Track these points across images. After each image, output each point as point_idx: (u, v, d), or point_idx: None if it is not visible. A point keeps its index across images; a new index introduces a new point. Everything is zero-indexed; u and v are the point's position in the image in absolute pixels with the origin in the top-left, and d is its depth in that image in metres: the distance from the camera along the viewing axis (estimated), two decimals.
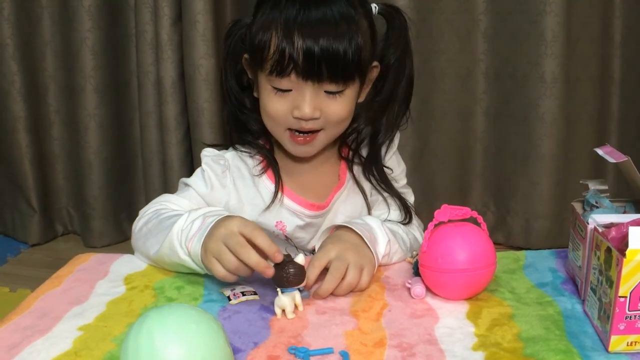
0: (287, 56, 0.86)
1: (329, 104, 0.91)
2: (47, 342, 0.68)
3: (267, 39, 0.88)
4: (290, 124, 0.92)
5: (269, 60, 0.88)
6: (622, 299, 0.60)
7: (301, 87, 0.89)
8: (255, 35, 0.90)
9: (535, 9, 1.73)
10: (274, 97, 0.91)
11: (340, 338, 0.66)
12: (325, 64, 0.86)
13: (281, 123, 0.92)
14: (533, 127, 1.80)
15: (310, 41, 0.85)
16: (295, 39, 0.86)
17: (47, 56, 2.00)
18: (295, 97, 0.90)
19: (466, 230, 0.72)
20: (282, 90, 0.90)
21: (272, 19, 0.89)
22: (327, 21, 0.87)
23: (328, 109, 0.91)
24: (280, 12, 0.88)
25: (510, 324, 0.67)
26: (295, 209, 0.98)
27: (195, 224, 0.82)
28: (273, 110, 0.91)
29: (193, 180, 0.98)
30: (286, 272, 0.70)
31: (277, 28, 0.87)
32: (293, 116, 0.90)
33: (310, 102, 0.89)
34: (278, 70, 0.88)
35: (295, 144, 0.94)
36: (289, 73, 0.87)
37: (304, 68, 0.87)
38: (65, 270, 0.87)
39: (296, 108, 0.89)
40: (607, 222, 0.68)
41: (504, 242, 1.94)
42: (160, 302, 0.76)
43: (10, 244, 2.11)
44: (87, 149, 1.97)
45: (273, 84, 0.90)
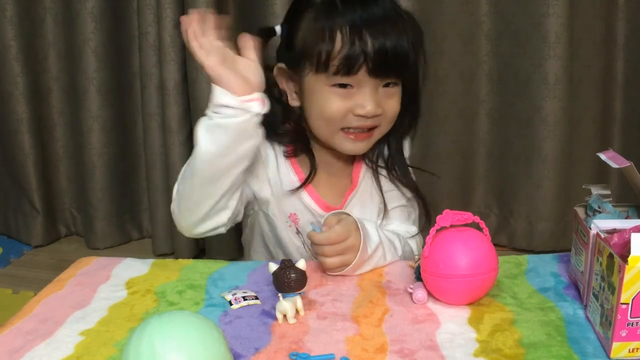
0: (357, 53, 0.88)
1: (387, 100, 0.93)
2: (49, 346, 0.68)
3: (331, 43, 0.89)
4: (348, 123, 0.93)
5: (334, 61, 0.89)
6: (624, 305, 0.59)
7: (363, 84, 0.91)
8: (310, 34, 0.91)
9: (538, 11, 1.72)
10: (333, 97, 0.91)
11: (341, 344, 0.66)
12: (394, 59, 0.89)
13: (337, 123, 0.93)
14: (536, 129, 1.79)
15: (380, 37, 0.88)
16: (364, 34, 0.88)
17: (50, 58, 2.00)
18: (357, 95, 0.91)
19: (468, 235, 0.71)
20: (342, 86, 0.91)
21: (331, 18, 0.90)
22: (389, 18, 0.90)
23: (387, 105, 0.93)
24: (339, 12, 0.90)
25: (512, 330, 0.67)
26: (311, 205, 0.99)
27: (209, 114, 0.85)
28: (332, 110, 0.92)
29: None
30: (287, 277, 0.70)
31: (342, 31, 0.89)
32: (355, 114, 0.92)
33: (372, 99, 0.91)
34: (347, 68, 0.89)
35: (351, 141, 0.95)
36: (358, 70, 0.89)
37: (375, 65, 0.88)
38: (67, 274, 0.87)
39: (359, 106, 0.91)
40: (610, 228, 0.68)
41: (506, 244, 1.94)
42: (162, 307, 0.76)
43: (14, 245, 2.11)
44: (90, 151, 1.97)
45: (334, 82, 0.90)
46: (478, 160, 1.93)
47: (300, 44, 0.93)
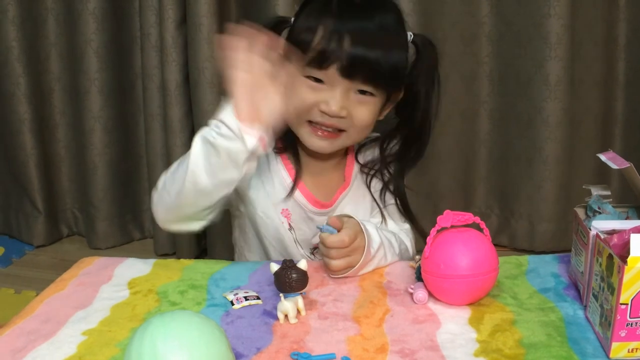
0: (332, 49, 0.89)
1: (357, 107, 0.93)
2: (52, 346, 0.68)
3: (313, 28, 0.91)
4: (313, 117, 0.94)
5: (312, 50, 0.90)
6: (624, 306, 0.60)
7: (335, 83, 0.92)
8: (301, 26, 0.93)
9: (540, 12, 1.72)
10: (303, 88, 0.92)
11: (342, 344, 0.66)
12: (366, 63, 0.89)
13: (302, 114, 0.94)
14: (537, 130, 1.80)
15: (357, 39, 0.89)
16: (344, 34, 0.89)
17: (52, 58, 2.01)
18: (326, 92, 0.92)
19: (468, 236, 0.72)
20: (315, 80, 0.92)
21: (322, 12, 0.92)
22: (377, 24, 0.92)
23: (355, 111, 0.93)
24: (331, 13, 0.91)
25: (512, 330, 0.67)
26: (302, 202, 1.00)
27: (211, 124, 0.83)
28: (298, 100, 0.92)
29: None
30: (289, 278, 0.70)
31: (326, 20, 0.90)
32: (319, 109, 0.92)
33: (339, 100, 0.91)
34: (319, 61, 0.90)
35: (314, 136, 0.96)
36: (329, 65, 0.90)
37: (345, 65, 0.89)
38: (69, 274, 0.88)
39: (324, 102, 0.92)
40: (609, 229, 0.68)
41: (507, 244, 1.94)
42: (164, 307, 0.77)
43: (15, 245, 2.12)
44: (92, 151, 1.97)
45: (308, 73, 0.91)
46: (479, 160, 1.93)
47: (293, 32, 0.96)
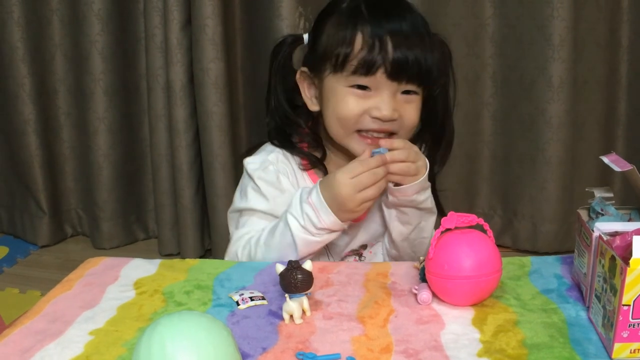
0: (376, 53, 0.88)
1: (405, 107, 0.93)
2: (59, 346, 0.69)
3: (351, 36, 0.90)
4: (364, 125, 0.93)
5: (353, 60, 0.89)
6: (626, 307, 0.60)
7: (381, 87, 0.91)
8: (333, 38, 0.92)
9: (543, 14, 1.73)
10: (350, 98, 0.92)
11: (347, 344, 0.67)
12: (411, 63, 0.89)
13: (352, 124, 0.93)
14: (540, 131, 1.80)
15: (399, 40, 0.88)
16: (385, 37, 0.88)
17: (56, 59, 2.02)
18: (374, 98, 0.91)
19: (472, 237, 0.72)
20: (361, 88, 0.91)
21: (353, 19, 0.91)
22: (410, 24, 0.91)
23: (404, 112, 0.93)
24: (364, 17, 0.91)
25: (515, 331, 0.68)
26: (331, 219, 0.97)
27: (309, 212, 0.89)
28: (347, 110, 0.92)
29: (252, 202, 0.98)
30: (294, 278, 0.71)
31: (361, 27, 0.90)
32: (371, 116, 0.92)
33: (390, 103, 0.91)
34: (366, 68, 0.89)
35: (367, 146, 0.94)
36: (376, 71, 0.89)
37: (392, 68, 0.89)
38: (75, 274, 0.88)
39: (375, 108, 0.91)
40: (612, 231, 0.68)
41: (510, 245, 1.95)
42: (170, 307, 0.77)
43: (20, 245, 2.13)
44: (96, 152, 1.98)
45: (353, 82, 0.91)
46: (482, 162, 1.93)
47: (322, 46, 0.94)
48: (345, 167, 0.89)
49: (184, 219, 1.91)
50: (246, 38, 1.85)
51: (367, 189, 0.88)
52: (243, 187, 1.02)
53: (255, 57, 1.84)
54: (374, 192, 0.89)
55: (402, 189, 0.93)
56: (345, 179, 0.87)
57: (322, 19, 0.97)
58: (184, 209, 1.90)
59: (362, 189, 0.88)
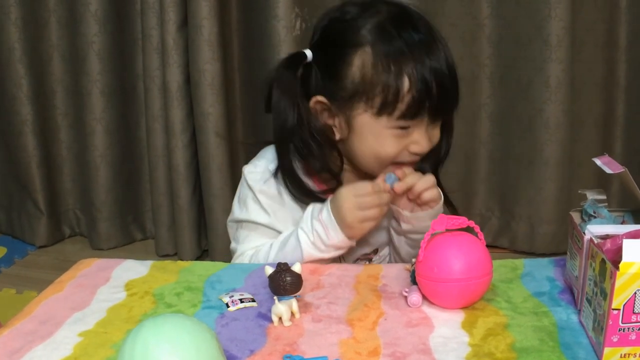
0: (424, 96, 0.86)
1: (434, 133, 0.92)
2: (48, 347, 0.69)
3: (399, 78, 0.86)
4: (401, 159, 0.92)
5: (401, 103, 0.86)
6: (616, 311, 0.60)
7: (421, 124, 0.89)
8: (378, 76, 0.86)
9: (540, 14, 1.73)
10: (391, 139, 0.90)
11: (334, 347, 0.66)
12: (450, 101, 0.90)
13: (390, 161, 0.92)
14: (538, 132, 1.80)
15: (441, 80, 0.86)
16: (431, 79, 0.85)
17: (54, 60, 2.02)
18: (413, 134, 0.90)
19: (462, 240, 0.72)
20: (404, 128, 0.89)
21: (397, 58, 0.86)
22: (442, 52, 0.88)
23: (434, 138, 0.93)
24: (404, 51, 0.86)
25: (505, 334, 0.67)
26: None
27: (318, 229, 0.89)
28: (389, 151, 0.90)
29: (253, 215, 0.96)
30: (283, 281, 0.71)
31: (407, 62, 0.86)
32: (411, 151, 0.91)
33: (426, 136, 0.90)
34: (413, 113, 0.87)
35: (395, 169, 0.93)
36: (424, 114, 0.88)
37: (437, 109, 0.88)
38: (67, 276, 0.88)
39: (415, 144, 0.90)
40: (603, 234, 0.68)
41: (508, 246, 1.94)
42: (160, 309, 0.77)
43: (18, 245, 2.13)
44: (93, 152, 1.98)
45: (397, 125, 0.88)
46: (479, 162, 1.93)
47: (354, 80, 0.88)
48: (352, 186, 0.90)
49: (181, 219, 1.91)
50: (242, 39, 1.85)
51: (370, 209, 0.88)
52: (242, 196, 0.99)
53: (252, 58, 1.84)
54: (376, 214, 0.89)
55: (418, 216, 0.93)
56: (350, 197, 0.88)
57: (343, 46, 0.90)
58: (180, 210, 1.90)
59: (365, 209, 0.88)
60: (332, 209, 0.89)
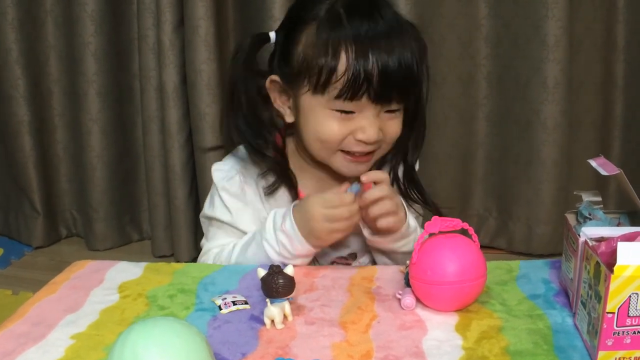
0: (362, 79, 0.83)
1: (389, 123, 0.89)
2: (40, 350, 0.68)
3: (334, 61, 0.84)
4: (347, 147, 0.89)
5: (336, 83, 0.84)
6: (610, 314, 0.59)
7: (365, 109, 0.87)
8: (313, 52, 0.85)
9: (538, 14, 1.72)
10: (332, 121, 0.87)
11: (327, 350, 0.66)
12: (397, 84, 0.85)
13: (334, 147, 0.90)
14: (535, 132, 1.79)
15: (385, 60, 0.83)
16: (370, 59, 0.83)
17: (51, 60, 2.01)
18: (358, 120, 0.87)
19: (456, 242, 0.71)
20: (345, 112, 0.87)
21: (336, 33, 0.84)
22: (394, 33, 0.85)
23: (388, 129, 0.89)
24: (344, 27, 0.84)
25: (499, 337, 0.67)
26: None
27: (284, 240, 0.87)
28: (331, 134, 0.88)
29: (218, 212, 0.96)
30: (275, 283, 0.70)
31: (347, 48, 0.83)
32: (356, 139, 0.88)
33: (374, 124, 0.87)
34: (350, 94, 0.84)
35: (350, 163, 0.91)
36: (362, 96, 0.84)
37: (378, 91, 0.84)
38: (61, 277, 0.88)
39: (360, 131, 0.87)
40: (598, 236, 0.68)
41: (505, 247, 1.94)
42: (153, 311, 0.77)
43: (14, 246, 2.12)
44: (90, 153, 1.98)
45: (336, 107, 0.86)
46: (477, 163, 1.93)
47: (299, 58, 0.88)
48: (320, 196, 0.87)
49: (177, 220, 1.91)
50: (239, 39, 1.85)
51: (339, 221, 0.86)
52: (212, 193, 1.00)
53: None
54: (345, 226, 0.87)
55: (378, 241, 0.91)
56: (318, 209, 0.85)
57: (296, 23, 0.90)
58: (177, 210, 1.90)
59: (333, 221, 0.86)
60: (297, 218, 0.87)
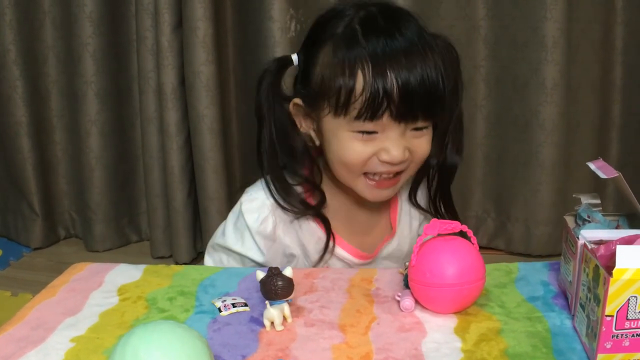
0: (381, 97, 0.79)
1: (416, 142, 0.85)
2: (40, 353, 0.68)
3: (352, 81, 0.80)
4: (372, 168, 0.85)
5: (355, 103, 0.81)
6: (609, 318, 0.59)
7: (389, 128, 0.82)
8: (333, 78, 0.82)
9: (536, 15, 1.72)
10: (355, 143, 0.83)
11: (327, 352, 0.66)
12: (419, 100, 0.80)
13: (359, 169, 0.86)
14: (533, 133, 1.80)
15: (405, 76, 0.79)
16: (389, 76, 0.79)
17: (49, 61, 2.01)
18: (382, 139, 0.83)
19: (455, 244, 0.71)
20: (367, 133, 0.83)
21: (352, 52, 0.81)
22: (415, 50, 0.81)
23: (416, 147, 0.85)
24: (360, 45, 0.81)
25: (498, 340, 0.67)
26: (344, 257, 0.94)
27: None
28: (354, 156, 0.84)
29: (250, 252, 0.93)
30: (274, 285, 0.70)
31: (363, 67, 0.80)
32: (380, 160, 0.84)
33: (399, 144, 0.83)
34: (370, 114, 0.80)
35: (374, 188, 0.87)
36: (382, 115, 0.80)
37: (399, 108, 0.80)
38: (60, 280, 0.87)
39: (384, 151, 0.83)
40: (597, 239, 0.68)
41: (504, 248, 1.94)
42: (152, 314, 0.77)
43: (13, 247, 2.12)
44: (88, 154, 1.98)
45: (357, 128, 0.82)
46: (475, 164, 1.93)
47: (317, 80, 0.85)
48: None
49: (176, 221, 1.91)
50: (237, 40, 1.85)
51: None
52: (239, 228, 0.94)
53: (247, 60, 1.84)
54: None
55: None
56: None
57: (314, 42, 0.87)
58: (175, 212, 1.90)
59: None
60: None
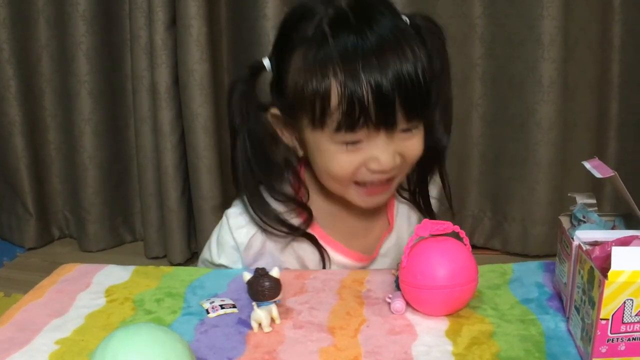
0: (356, 106, 0.72)
1: (407, 144, 0.78)
2: (24, 355, 0.67)
3: (325, 90, 0.73)
4: (362, 178, 0.79)
5: (332, 115, 0.74)
6: (604, 321, 0.58)
7: (374, 135, 0.76)
8: (306, 87, 0.75)
9: (533, 13, 1.71)
10: (340, 155, 0.77)
11: (314, 355, 0.65)
12: (401, 102, 0.74)
13: (347, 181, 0.80)
14: (530, 132, 1.78)
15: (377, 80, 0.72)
16: (362, 82, 0.72)
17: (42, 60, 2.01)
18: (368, 148, 0.77)
19: (447, 245, 0.70)
20: (351, 143, 0.76)
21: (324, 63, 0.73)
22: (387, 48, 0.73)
23: (407, 150, 0.79)
24: (333, 52, 0.73)
25: (490, 343, 0.65)
26: (346, 263, 0.90)
27: None
28: (341, 169, 0.78)
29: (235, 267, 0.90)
30: (261, 286, 0.69)
31: (336, 73, 0.73)
32: (369, 169, 0.78)
33: (388, 150, 0.77)
34: (347, 125, 0.74)
35: (366, 196, 0.82)
36: (362, 126, 0.74)
37: (378, 116, 0.73)
38: (48, 281, 0.86)
39: (372, 160, 0.77)
40: (592, 240, 0.66)
41: (500, 248, 1.92)
42: (139, 315, 0.75)
43: (7, 247, 2.11)
44: (82, 154, 1.97)
45: (340, 139, 0.76)
46: (472, 163, 1.92)
47: (291, 88, 0.78)
48: None
49: (170, 221, 1.90)
50: (231, 39, 1.84)
51: None
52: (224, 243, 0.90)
53: (241, 58, 1.83)
54: None
55: None
56: None
57: (284, 46, 0.79)
58: (169, 212, 1.89)
59: None
60: None
